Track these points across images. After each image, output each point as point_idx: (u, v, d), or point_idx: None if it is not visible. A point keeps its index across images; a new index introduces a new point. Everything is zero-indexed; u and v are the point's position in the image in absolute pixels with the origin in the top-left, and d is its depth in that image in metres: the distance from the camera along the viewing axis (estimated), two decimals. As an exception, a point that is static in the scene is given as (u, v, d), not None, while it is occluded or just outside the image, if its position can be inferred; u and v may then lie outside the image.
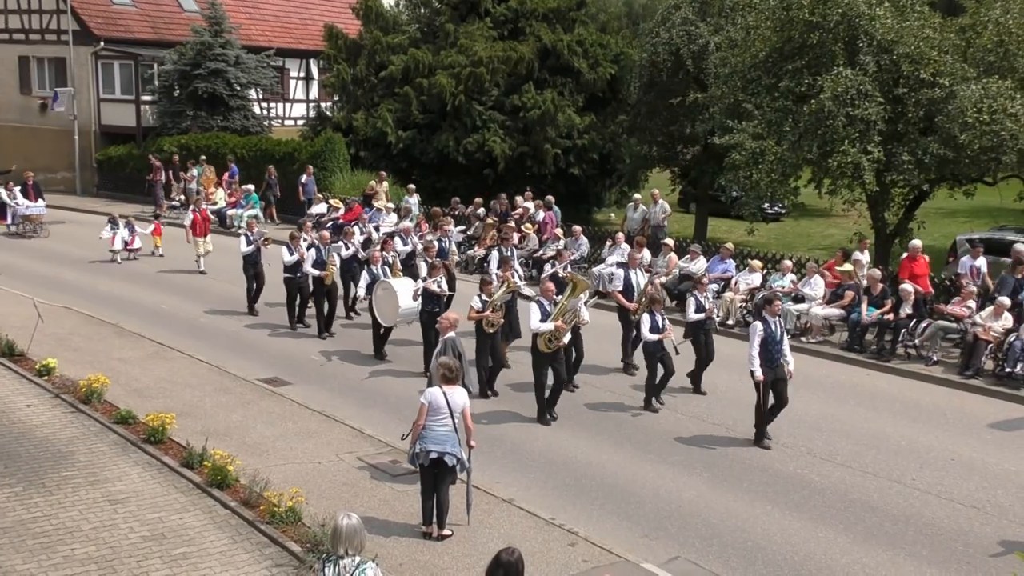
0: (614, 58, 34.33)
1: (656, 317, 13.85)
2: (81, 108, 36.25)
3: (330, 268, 18.01)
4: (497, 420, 13.54)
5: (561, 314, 13.35)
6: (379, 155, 33.58)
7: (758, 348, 12.43)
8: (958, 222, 31.86)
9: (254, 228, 20.09)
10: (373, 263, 17.15)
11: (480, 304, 14.34)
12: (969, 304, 16.63)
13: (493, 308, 14.42)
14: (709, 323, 14.92)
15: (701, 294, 14.93)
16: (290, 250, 18.16)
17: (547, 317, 13.30)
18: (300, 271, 18.12)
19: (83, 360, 15.53)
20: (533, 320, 13.26)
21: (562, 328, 13.24)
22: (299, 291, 18.32)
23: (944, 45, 20.57)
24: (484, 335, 14.42)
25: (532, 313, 13.32)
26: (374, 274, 16.87)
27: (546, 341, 13.18)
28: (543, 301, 13.43)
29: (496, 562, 6.46)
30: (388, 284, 16.39)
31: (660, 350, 13.88)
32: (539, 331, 13.17)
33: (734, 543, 10.17)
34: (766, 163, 21.15)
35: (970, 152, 19.46)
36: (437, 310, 15.19)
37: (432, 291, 15.61)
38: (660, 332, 13.80)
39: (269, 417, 13.35)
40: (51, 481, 10.92)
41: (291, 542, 9.53)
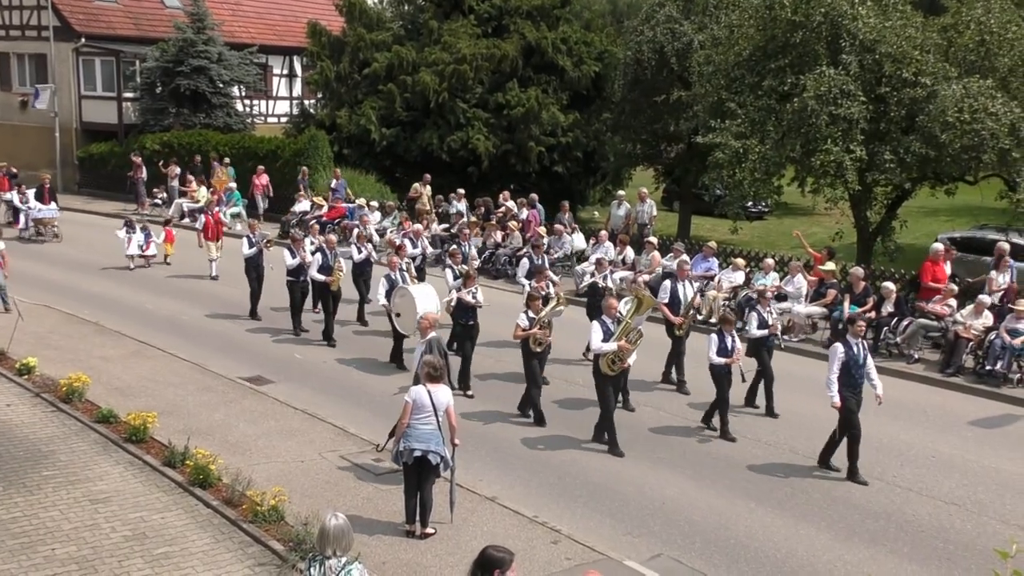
0: (598, 56, 34.36)
1: (726, 339, 12.86)
2: (62, 105, 35.99)
3: (337, 274, 17.20)
4: (480, 418, 13.52)
5: (625, 333, 12.38)
6: (363, 153, 33.49)
7: (838, 372, 11.65)
8: (940, 221, 32.06)
9: (256, 230, 19.55)
10: (391, 269, 16.38)
11: (526, 321, 13.26)
12: (950, 303, 16.73)
13: (540, 325, 13.36)
14: (772, 340, 14.03)
15: (764, 309, 14.12)
16: (292, 253, 17.57)
17: (609, 336, 12.33)
18: (303, 274, 17.50)
19: (64, 359, 15.43)
20: (595, 339, 12.29)
21: (627, 348, 12.29)
22: (302, 295, 17.79)
23: (926, 44, 20.70)
24: (531, 354, 13.33)
25: (593, 332, 12.35)
26: (392, 280, 16.03)
27: (609, 362, 12.25)
28: (605, 319, 12.48)
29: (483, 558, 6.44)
30: (407, 291, 15.54)
31: (727, 373, 12.90)
32: (601, 351, 12.23)
33: (717, 540, 10.21)
34: (749, 162, 21.22)
35: (951, 151, 19.58)
36: (472, 323, 14.65)
37: (466, 302, 14.70)
38: (728, 355, 12.81)
39: (252, 416, 13.30)
40: (31, 481, 10.84)
41: (274, 541, 9.50)
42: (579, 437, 12.98)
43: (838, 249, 21.04)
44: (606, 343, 12.26)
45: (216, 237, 22.63)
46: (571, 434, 13.09)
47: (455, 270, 16.33)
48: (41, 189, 27.55)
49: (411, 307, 15.11)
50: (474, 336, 14.78)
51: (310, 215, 27.44)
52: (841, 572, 9.64)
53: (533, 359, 13.35)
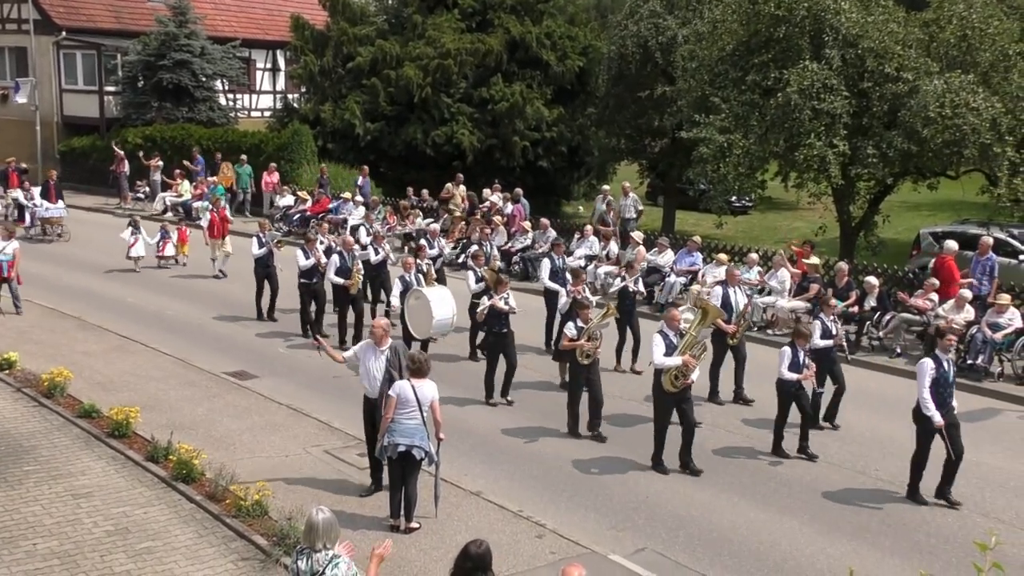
0: (582, 50, 34.38)
1: (799, 353, 12.02)
2: (43, 99, 35.70)
3: (356, 277, 16.40)
4: (465, 412, 13.51)
5: (689, 347, 11.54)
6: (347, 147, 33.41)
7: (930, 389, 10.89)
8: (922, 215, 32.24)
9: (267, 229, 18.95)
10: (406, 269, 15.69)
11: (574, 331, 12.57)
12: (932, 297, 16.83)
13: (590, 336, 12.59)
14: (836, 352, 13.34)
15: (828, 317, 13.30)
16: (305, 254, 16.88)
17: (672, 350, 11.48)
18: (316, 276, 16.87)
19: (45, 353, 15.33)
20: (657, 354, 11.41)
21: (691, 363, 11.42)
22: (314, 297, 17.07)
23: (908, 39, 20.80)
24: (579, 367, 12.57)
25: (655, 346, 11.50)
26: (407, 282, 15.42)
27: (672, 378, 11.39)
28: (668, 331, 11.67)
29: (465, 555, 6.47)
30: (421, 293, 14.92)
31: (797, 389, 12.13)
32: (664, 366, 11.36)
33: (700, 534, 10.24)
34: (733, 156, 21.28)
35: (933, 146, 19.69)
36: (506, 330, 13.91)
37: (499, 309, 13.91)
38: (800, 371, 12.01)
39: (235, 410, 13.25)
40: (13, 476, 10.78)
41: (257, 536, 9.49)
42: (559, 431, 12.97)
43: (821, 244, 21.15)
44: (669, 357, 11.40)
45: (222, 235, 21.94)
46: (556, 429, 13.09)
47: (477, 272, 15.74)
48: (47, 186, 26.72)
49: (425, 310, 14.67)
50: (510, 343, 13.95)
51: (294, 209, 27.37)
52: (823, 565, 9.69)
53: (580, 373, 12.55)
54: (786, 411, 12.21)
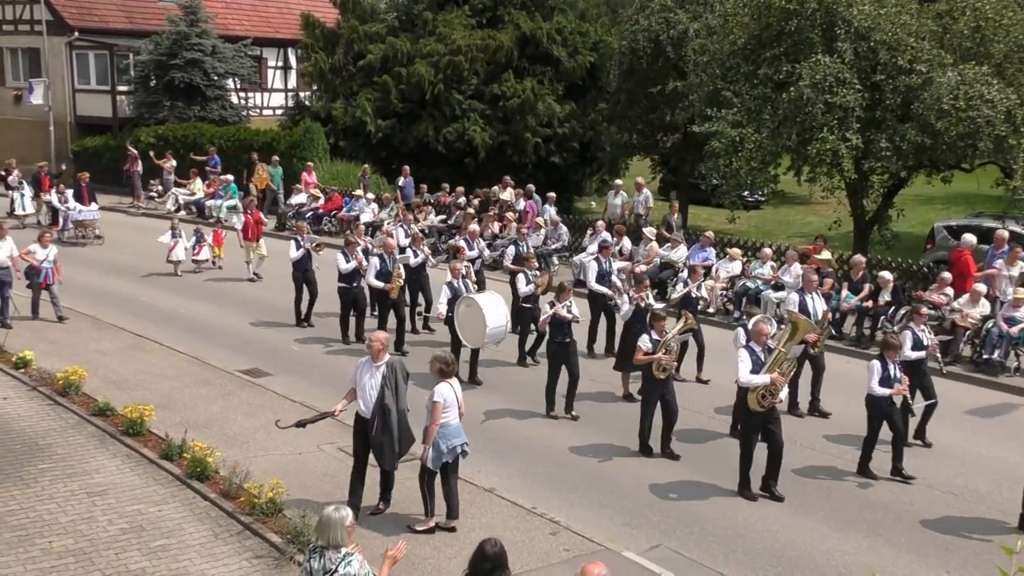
0: (593, 46, 34.29)
1: (890, 367, 11.29)
2: (56, 99, 35.85)
3: (396, 281, 15.87)
4: (478, 409, 13.49)
5: (778, 364, 10.81)
6: (358, 144, 33.44)
7: None
8: (936, 209, 32.05)
9: (305, 232, 18.41)
10: (453, 275, 15.05)
11: (649, 344, 11.89)
12: (946, 292, 16.72)
13: (666, 349, 11.95)
14: (928, 364, 12.56)
15: (918, 326, 12.51)
16: (346, 257, 16.33)
17: (759, 367, 10.78)
18: (357, 280, 16.42)
19: (60, 352, 15.40)
20: (743, 371, 10.69)
21: (780, 381, 10.69)
22: (354, 303, 16.58)
23: (921, 31, 20.66)
24: (653, 381, 11.90)
25: (740, 362, 10.78)
26: (455, 288, 14.77)
27: (759, 397, 10.67)
28: (754, 347, 10.95)
29: (482, 555, 6.47)
30: (473, 300, 14.17)
31: (889, 405, 11.40)
32: (751, 385, 10.66)
33: (715, 531, 10.21)
34: (745, 151, 21.20)
35: (947, 139, 19.57)
36: (569, 339, 13.23)
37: (562, 317, 13.17)
38: (892, 386, 11.26)
39: (249, 408, 13.28)
40: (28, 474, 10.83)
41: (271, 533, 9.50)
42: (578, 429, 12.96)
43: (834, 238, 21.04)
44: (756, 375, 10.66)
45: (256, 237, 21.47)
46: (570, 426, 13.07)
47: (528, 275, 15.18)
48: (79, 188, 26.41)
49: (478, 318, 13.88)
50: (572, 353, 13.31)
51: (307, 207, 27.41)
52: (839, 562, 9.65)
53: (656, 387, 11.89)
54: (877, 429, 11.42)
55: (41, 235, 17.80)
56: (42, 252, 17.22)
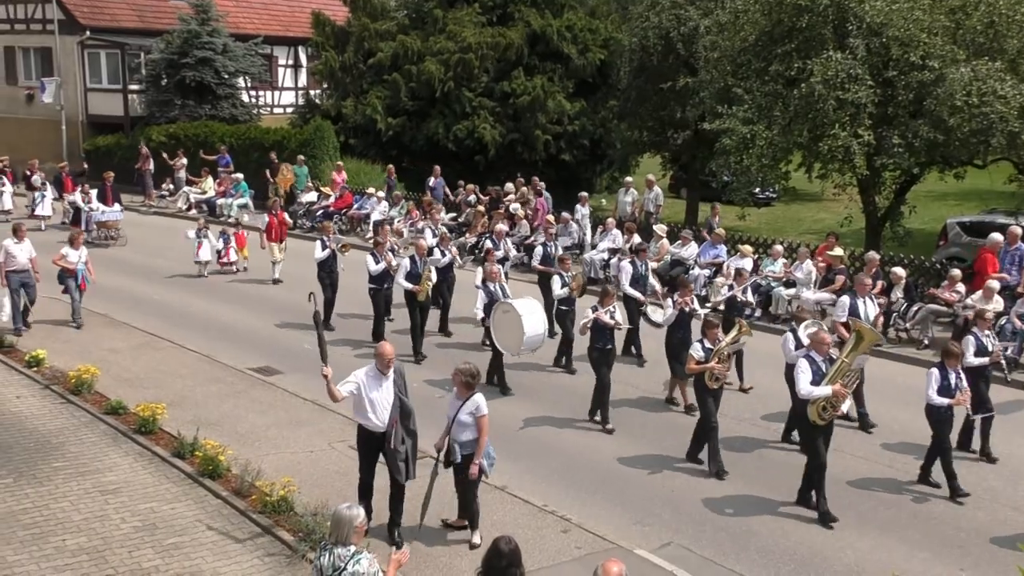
0: (604, 43, 34.22)
1: (950, 376, 10.88)
2: (68, 98, 36.01)
3: (425, 283, 15.53)
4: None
5: (841, 375, 10.30)
6: (368, 142, 33.48)
7: None
8: (948, 205, 31.90)
9: (331, 232, 18.08)
10: (491, 279, 14.70)
11: (702, 353, 11.45)
12: (958, 288, 16.64)
13: (719, 358, 11.47)
14: (992, 370, 12.09)
15: (982, 331, 12.15)
16: (375, 258, 16.07)
17: (820, 378, 10.26)
18: (388, 281, 16.11)
19: (73, 351, 15.46)
20: (803, 382, 10.17)
21: (842, 394, 10.22)
22: (386, 304, 16.45)
23: (934, 27, 20.52)
24: (706, 391, 11.45)
25: (800, 373, 10.27)
26: (491, 292, 14.41)
27: (819, 410, 10.18)
28: (815, 356, 10.46)
29: (497, 552, 6.48)
30: (510, 306, 13.70)
31: (950, 416, 11.00)
32: (812, 397, 10.14)
33: (727, 528, 10.19)
34: (756, 148, 21.11)
35: (960, 135, 19.46)
36: (610, 347, 12.88)
37: (604, 323, 12.72)
38: (953, 395, 10.80)
39: (260, 406, 13.31)
40: (42, 472, 10.88)
41: (283, 531, 9.52)
42: (589, 427, 12.95)
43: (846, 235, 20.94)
44: (817, 387, 10.16)
45: (280, 238, 21.13)
46: (580, 424, 13.06)
47: (563, 277, 14.83)
48: (104, 189, 26.24)
49: (515, 324, 13.51)
50: (612, 361, 13.01)
51: (317, 205, 27.45)
52: (852, 559, 9.61)
53: (709, 397, 11.45)
54: (942, 439, 10.93)
55: (74, 237, 17.44)
56: (75, 254, 16.97)
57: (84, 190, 26.48)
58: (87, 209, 25.86)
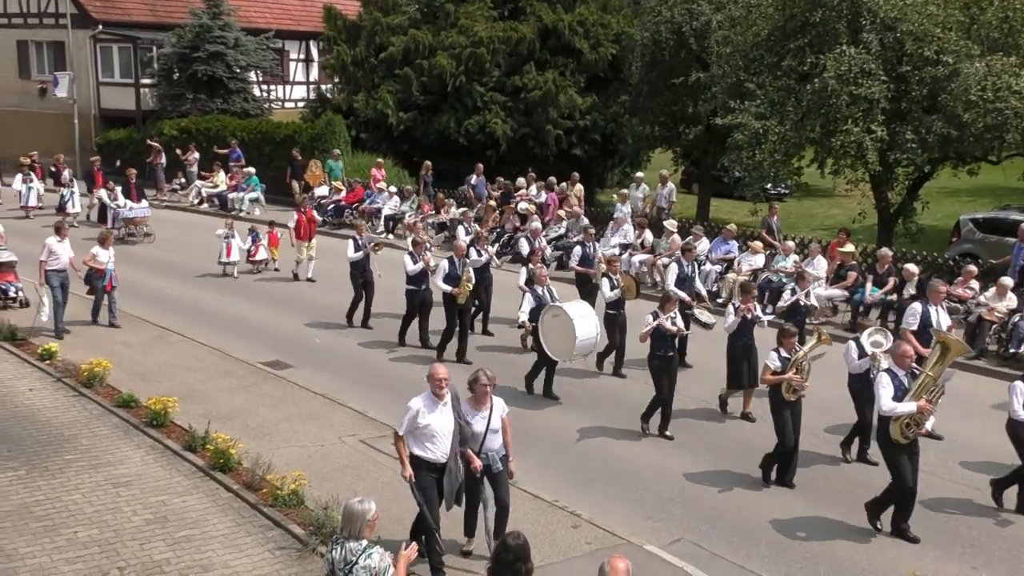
0: (615, 38, 34.12)
1: None
2: (80, 92, 36.08)
3: (465, 285, 14.92)
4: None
5: (925, 390, 9.64)
6: (380, 137, 33.49)
7: None
8: (962, 202, 31.74)
9: (363, 232, 17.74)
10: (539, 282, 14.10)
11: (778, 362, 10.89)
12: (972, 285, 16.57)
13: (797, 368, 10.97)
14: None
15: None
16: (413, 258, 15.50)
17: (902, 394, 9.63)
18: (425, 282, 15.61)
19: (85, 344, 15.52)
20: (884, 397, 9.53)
21: (927, 410, 9.58)
22: (422, 306, 15.84)
23: (948, 22, 20.44)
24: (783, 405, 10.86)
25: (881, 388, 9.62)
26: (539, 296, 13.78)
27: (902, 427, 9.60)
28: (896, 370, 9.79)
29: (504, 547, 6.47)
30: (561, 310, 13.17)
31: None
32: (895, 414, 9.51)
33: (737, 525, 10.16)
34: (769, 143, 21.07)
35: (974, 130, 19.38)
36: (671, 354, 12.27)
37: (666, 330, 12.12)
38: None
39: (271, 400, 13.34)
40: (54, 464, 10.93)
41: (294, 525, 9.54)
42: (600, 422, 12.93)
43: (858, 231, 20.87)
44: (901, 403, 9.53)
45: (309, 236, 20.72)
46: (591, 419, 13.04)
47: (612, 280, 14.27)
48: (128, 185, 25.66)
49: (566, 329, 12.96)
50: (674, 369, 12.49)
51: (328, 199, 27.47)
52: (862, 557, 9.58)
53: (785, 410, 10.85)
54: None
55: (104, 236, 17.15)
56: (105, 254, 16.63)
57: (110, 187, 26.23)
58: (113, 206, 25.64)
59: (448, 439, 8.60)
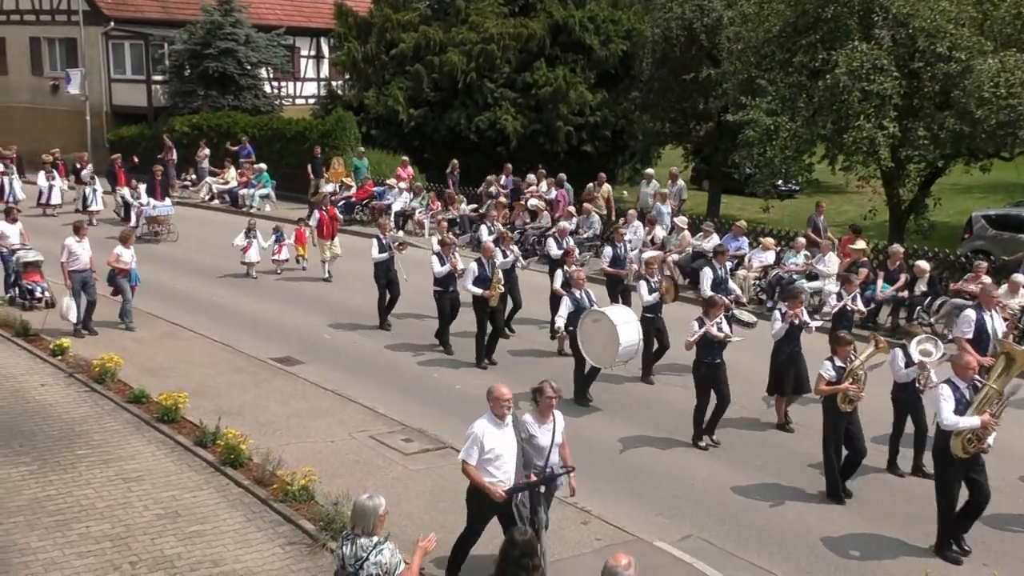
0: (626, 34, 34.10)
1: None
2: (92, 89, 36.21)
3: (496, 287, 14.66)
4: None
5: (988, 402, 9.15)
6: (390, 133, 33.53)
7: None
8: (974, 198, 31.59)
9: (387, 230, 17.45)
10: (577, 286, 13.63)
11: (832, 372, 10.38)
12: (984, 281, 16.47)
13: (854, 378, 10.47)
14: None
15: None
16: (441, 260, 15.18)
17: (964, 407, 9.10)
18: (452, 284, 15.25)
19: (96, 340, 15.61)
20: (945, 410, 9.00)
21: (990, 424, 9.05)
22: (451, 308, 15.47)
23: (961, 18, 20.35)
24: (837, 414, 10.42)
25: (943, 401, 9.09)
26: (578, 300, 13.32)
27: (964, 442, 9.05)
28: (958, 383, 9.23)
29: (511, 542, 6.47)
30: (602, 315, 12.76)
31: None
32: (957, 428, 8.98)
33: (748, 521, 10.15)
34: (780, 139, 21.03)
35: (986, 127, 19.30)
36: (719, 361, 11.82)
37: (714, 337, 11.71)
38: None
39: (282, 396, 13.37)
40: (66, 459, 10.97)
41: (304, 520, 9.56)
42: (610, 418, 12.93)
43: (869, 227, 20.80)
44: (964, 417, 9.03)
45: (331, 235, 20.50)
46: (602, 415, 13.04)
47: (650, 282, 13.90)
48: (152, 183, 25.39)
49: (608, 335, 12.55)
50: (724, 375, 11.93)
51: (338, 196, 27.49)
52: (873, 555, 9.55)
53: (841, 421, 10.42)
54: None
55: (126, 235, 16.80)
56: (128, 254, 16.37)
57: (133, 185, 26.06)
58: (136, 204, 25.49)
59: (513, 462, 8.18)
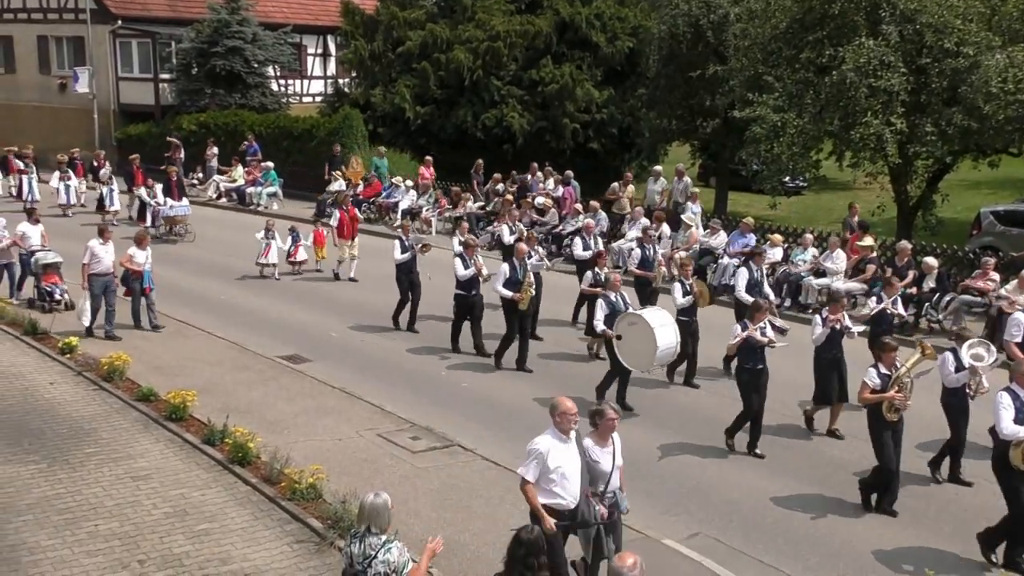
0: (632, 31, 34.05)
1: None
2: (100, 87, 36.31)
3: (527, 290, 14.28)
4: (516, 394, 13.51)
5: None
6: (397, 131, 33.55)
7: None
8: (982, 194, 31.47)
9: (409, 231, 17.17)
10: (612, 288, 13.12)
11: (877, 380, 10.10)
12: (993, 277, 16.44)
13: (899, 386, 10.11)
14: None
15: None
16: (464, 262, 14.77)
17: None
18: (475, 287, 14.90)
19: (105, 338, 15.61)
20: (1005, 420, 8.79)
21: None
22: (471, 311, 15.06)
23: (968, 13, 20.27)
24: (883, 425, 10.09)
25: (1002, 409, 8.85)
26: (613, 303, 12.90)
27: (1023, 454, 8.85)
28: (1018, 390, 8.96)
29: (517, 541, 6.49)
30: (639, 317, 12.39)
31: None
32: (1017, 437, 8.78)
33: (755, 519, 10.14)
34: (787, 136, 20.99)
35: (994, 122, 19.25)
36: (762, 366, 11.49)
37: (757, 342, 11.38)
38: None
39: (289, 394, 13.39)
40: (75, 458, 11.01)
41: (312, 518, 9.58)
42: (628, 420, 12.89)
43: (877, 224, 20.75)
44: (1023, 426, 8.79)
45: (351, 235, 20.26)
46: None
47: (685, 285, 13.58)
48: (169, 183, 25.09)
49: (646, 338, 12.20)
50: (764, 383, 11.59)
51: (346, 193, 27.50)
52: (881, 552, 9.54)
53: (887, 431, 10.08)
54: None
55: (140, 236, 16.54)
56: (142, 255, 16.08)
57: (149, 184, 25.86)
58: (152, 204, 25.32)
59: (578, 481, 7.70)
